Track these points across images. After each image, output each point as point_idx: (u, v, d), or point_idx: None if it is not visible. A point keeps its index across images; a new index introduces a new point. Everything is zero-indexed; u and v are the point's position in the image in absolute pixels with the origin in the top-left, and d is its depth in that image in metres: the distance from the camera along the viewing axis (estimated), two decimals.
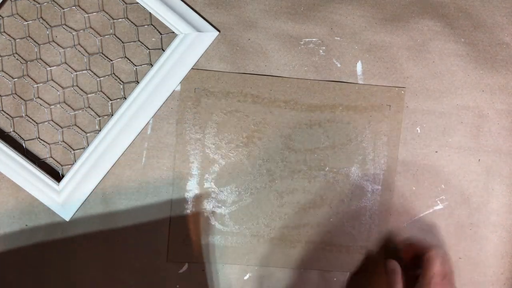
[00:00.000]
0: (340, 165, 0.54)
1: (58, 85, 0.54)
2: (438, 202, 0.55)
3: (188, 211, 0.54)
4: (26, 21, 0.53)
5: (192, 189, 0.54)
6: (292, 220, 0.54)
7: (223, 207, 0.54)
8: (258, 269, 0.54)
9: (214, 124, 0.54)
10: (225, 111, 0.54)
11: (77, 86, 0.54)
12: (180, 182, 0.54)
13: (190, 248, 0.54)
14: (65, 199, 0.53)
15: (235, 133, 0.54)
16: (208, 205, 0.54)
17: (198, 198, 0.54)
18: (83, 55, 0.53)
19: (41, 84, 0.53)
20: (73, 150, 0.54)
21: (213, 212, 0.54)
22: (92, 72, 0.54)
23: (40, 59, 0.53)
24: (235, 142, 0.54)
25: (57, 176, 0.53)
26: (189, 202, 0.54)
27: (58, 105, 0.54)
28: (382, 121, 0.54)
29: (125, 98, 0.54)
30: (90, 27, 0.53)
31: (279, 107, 0.54)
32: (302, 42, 0.54)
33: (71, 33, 0.53)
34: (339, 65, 0.54)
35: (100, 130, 0.53)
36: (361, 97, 0.54)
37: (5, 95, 0.53)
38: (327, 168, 0.54)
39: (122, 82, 0.54)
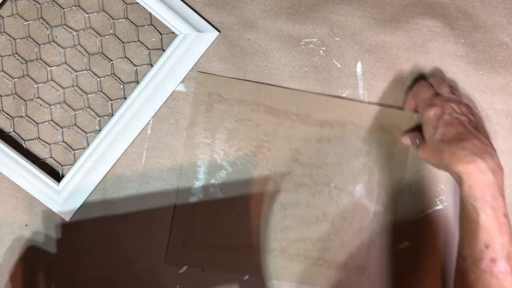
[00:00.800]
0: (345, 182, 0.54)
1: (58, 85, 0.54)
2: (438, 202, 0.55)
3: (191, 214, 0.54)
4: (26, 21, 0.53)
5: (196, 192, 0.54)
6: (293, 233, 0.54)
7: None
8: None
9: (225, 131, 0.54)
10: (237, 119, 0.54)
11: (77, 86, 0.54)
12: (185, 185, 0.53)
13: (189, 251, 0.54)
14: (65, 199, 0.53)
15: (245, 141, 0.54)
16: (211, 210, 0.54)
17: (202, 203, 0.54)
18: (83, 55, 0.53)
19: (41, 84, 0.53)
20: (73, 150, 0.54)
21: (215, 218, 0.54)
22: (92, 72, 0.54)
23: (40, 59, 0.53)
24: (244, 150, 0.54)
25: (57, 176, 0.53)
26: (192, 206, 0.54)
27: (58, 105, 0.54)
28: (391, 143, 0.54)
29: (125, 98, 0.54)
30: (90, 27, 0.53)
31: (290, 119, 0.54)
32: (302, 43, 0.54)
33: (71, 33, 0.53)
34: (339, 66, 0.54)
35: (100, 130, 0.53)
36: (373, 117, 0.54)
37: (5, 95, 0.53)
38: (332, 185, 0.54)
39: (122, 82, 0.54)
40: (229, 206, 0.54)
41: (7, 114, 0.53)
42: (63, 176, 0.53)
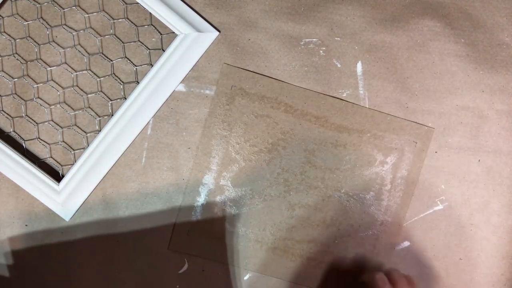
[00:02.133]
0: (356, 189, 0.54)
1: (58, 85, 0.54)
2: (438, 202, 0.55)
3: (199, 203, 0.54)
4: (26, 21, 0.53)
5: (207, 183, 0.54)
6: (298, 234, 0.54)
7: (233, 207, 0.54)
8: (257, 273, 0.54)
9: (242, 125, 0.54)
10: (256, 114, 0.54)
11: (77, 86, 0.54)
12: (197, 174, 0.54)
13: (193, 240, 0.54)
14: (65, 199, 0.53)
15: (261, 137, 0.54)
16: (219, 202, 0.54)
17: (212, 193, 0.54)
18: (83, 55, 0.53)
19: (41, 84, 0.53)
20: (73, 150, 0.54)
21: (223, 210, 0.54)
22: (92, 72, 0.54)
23: (40, 59, 0.53)
24: (259, 146, 0.54)
25: (57, 176, 0.53)
26: (201, 195, 0.54)
27: (58, 105, 0.54)
28: (405, 156, 0.54)
29: (125, 98, 0.54)
30: (90, 27, 0.53)
31: (309, 121, 0.54)
32: (302, 43, 0.54)
33: (71, 33, 0.53)
34: (339, 66, 0.54)
35: (100, 130, 0.53)
36: (390, 129, 0.54)
37: (5, 95, 0.53)
38: (343, 190, 0.54)
39: (122, 82, 0.54)
40: (237, 199, 0.54)
41: (7, 114, 0.54)
42: (63, 176, 0.53)
